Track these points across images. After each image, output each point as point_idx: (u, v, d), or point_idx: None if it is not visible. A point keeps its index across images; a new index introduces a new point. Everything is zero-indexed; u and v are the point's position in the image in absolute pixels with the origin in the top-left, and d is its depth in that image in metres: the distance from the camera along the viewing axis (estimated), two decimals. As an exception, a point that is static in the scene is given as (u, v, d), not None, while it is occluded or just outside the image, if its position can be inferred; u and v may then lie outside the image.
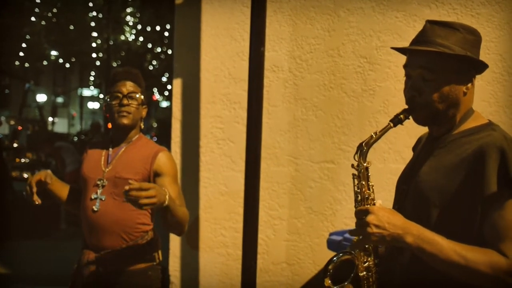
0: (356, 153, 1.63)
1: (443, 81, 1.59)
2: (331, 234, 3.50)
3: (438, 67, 1.58)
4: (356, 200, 1.64)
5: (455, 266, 1.44)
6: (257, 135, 3.34)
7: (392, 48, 1.77)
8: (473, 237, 1.48)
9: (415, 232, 1.46)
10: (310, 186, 3.88)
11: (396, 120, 1.61)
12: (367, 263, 1.64)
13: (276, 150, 3.88)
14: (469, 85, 1.63)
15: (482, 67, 1.64)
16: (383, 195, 1.61)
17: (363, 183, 1.62)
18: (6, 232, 6.82)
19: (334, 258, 1.66)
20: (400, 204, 1.68)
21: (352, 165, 1.64)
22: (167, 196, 2.18)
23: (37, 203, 2.42)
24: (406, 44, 1.71)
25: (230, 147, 3.88)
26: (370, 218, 1.46)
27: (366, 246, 1.63)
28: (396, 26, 3.81)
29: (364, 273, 1.64)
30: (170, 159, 2.56)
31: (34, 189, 2.43)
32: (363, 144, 1.61)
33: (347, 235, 3.28)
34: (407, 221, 1.48)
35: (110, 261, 2.46)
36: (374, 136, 1.61)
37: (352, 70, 3.84)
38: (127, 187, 2.04)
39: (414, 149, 1.92)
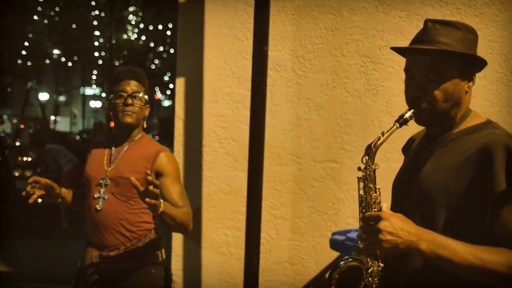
0: (365, 155, 1.57)
1: (447, 79, 1.58)
2: (333, 234, 3.50)
3: (443, 66, 1.58)
4: (360, 204, 1.59)
5: (471, 268, 1.41)
6: (260, 134, 3.34)
7: (393, 48, 1.73)
8: (482, 237, 1.46)
9: (429, 238, 1.42)
10: (313, 185, 3.87)
11: (402, 121, 1.59)
12: (371, 268, 1.61)
13: (279, 149, 3.87)
14: (471, 83, 1.63)
15: (482, 65, 1.65)
16: (385, 195, 1.59)
17: (371, 186, 1.57)
18: (8, 230, 6.83)
19: (341, 264, 1.62)
20: (401, 206, 1.64)
21: (359, 168, 1.59)
22: (161, 205, 2.16)
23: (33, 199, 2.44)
24: (409, 44, 1.70)
25: (233, 146, 3.88)
26: (383, 225, 1.41)
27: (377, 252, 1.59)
28: (399, 26, 3.81)
29: (369, 278, 1.61)
30: (171, 159, 2.56)
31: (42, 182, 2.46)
32: (372, 145, 1.57)
33: (349, 235, 3.28)
34: (419, 227, 1.45)
35: (113, 259, 2.48)
36: (381, 137, 1.57)
37: (355, 70, 3.84)
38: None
39: (405, 150, 1.90)
